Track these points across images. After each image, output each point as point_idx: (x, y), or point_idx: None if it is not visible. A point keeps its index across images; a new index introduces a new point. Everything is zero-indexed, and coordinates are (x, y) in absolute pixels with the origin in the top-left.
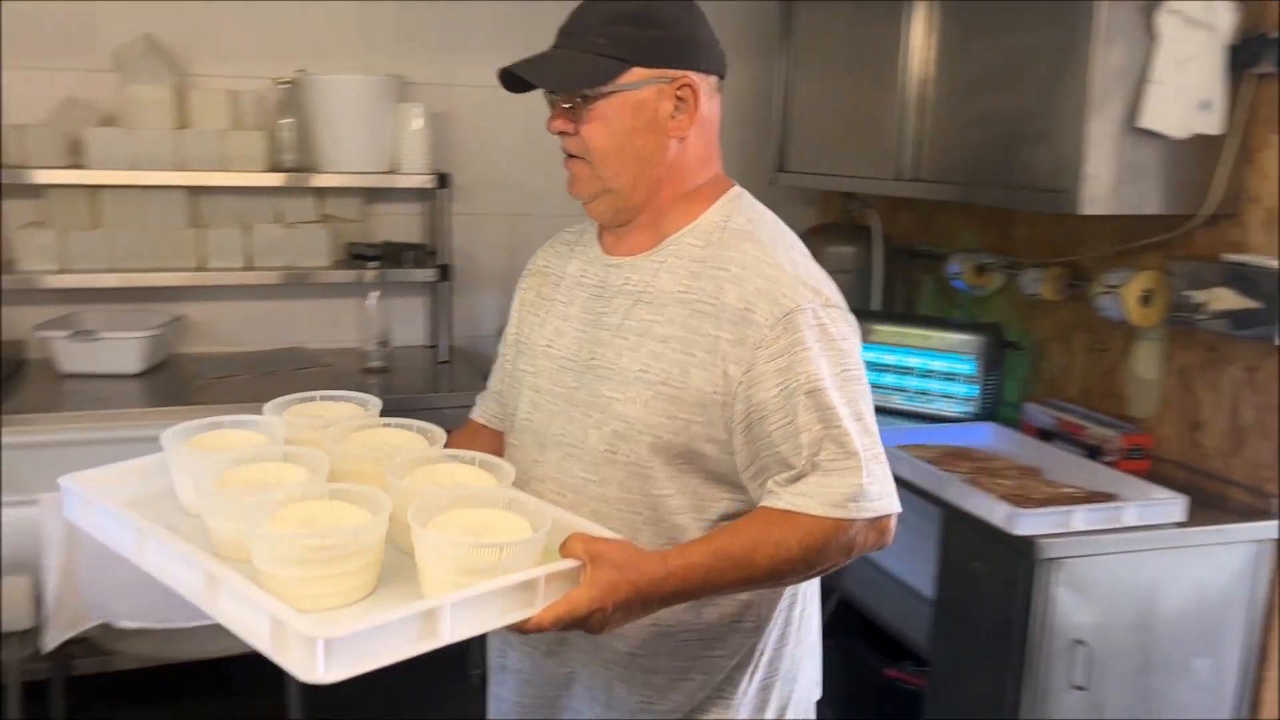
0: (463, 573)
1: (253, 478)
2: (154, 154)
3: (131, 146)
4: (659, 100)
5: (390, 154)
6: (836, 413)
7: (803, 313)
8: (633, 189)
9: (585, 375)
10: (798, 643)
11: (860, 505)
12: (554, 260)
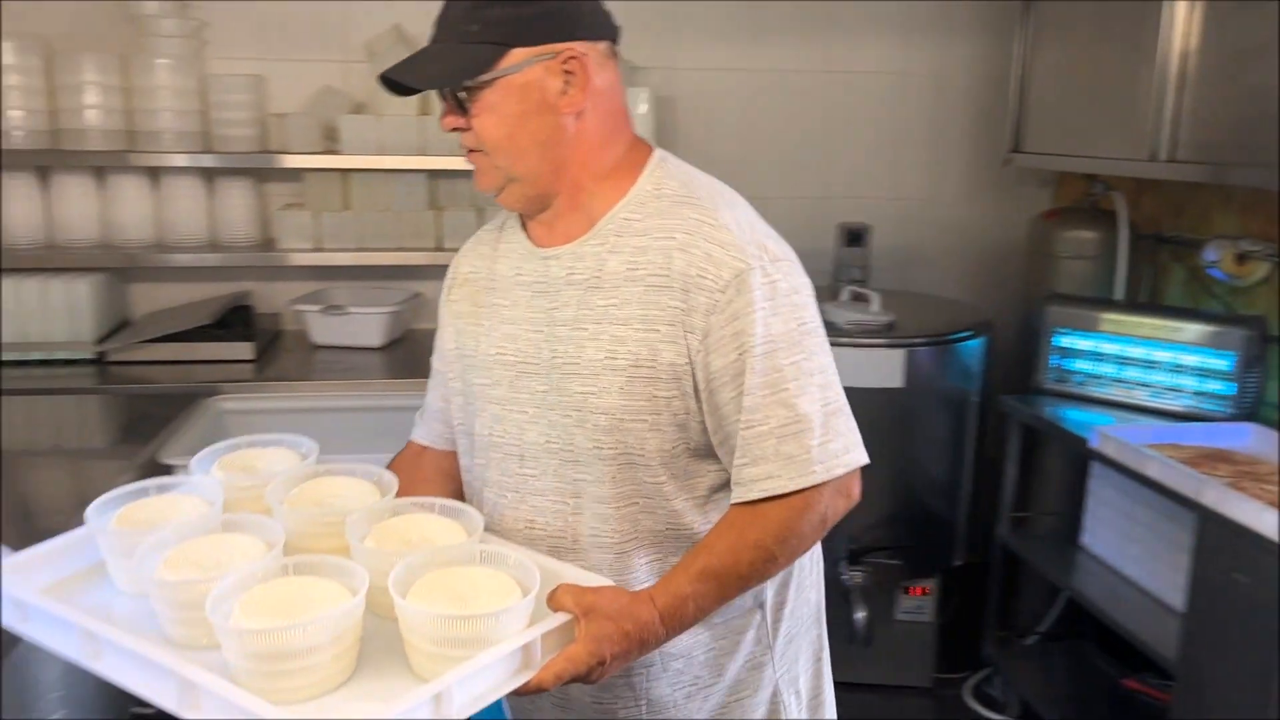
0: (453, 645)
1: (200, 558)
2: (399, 140)
3: (379, 132)
4: (546, 78)
5: None
6: (786, 374)
7: (752, 273)
8: (538, 174)
9: (552, 375)
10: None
11: (826, 466)
12: (479, 264)
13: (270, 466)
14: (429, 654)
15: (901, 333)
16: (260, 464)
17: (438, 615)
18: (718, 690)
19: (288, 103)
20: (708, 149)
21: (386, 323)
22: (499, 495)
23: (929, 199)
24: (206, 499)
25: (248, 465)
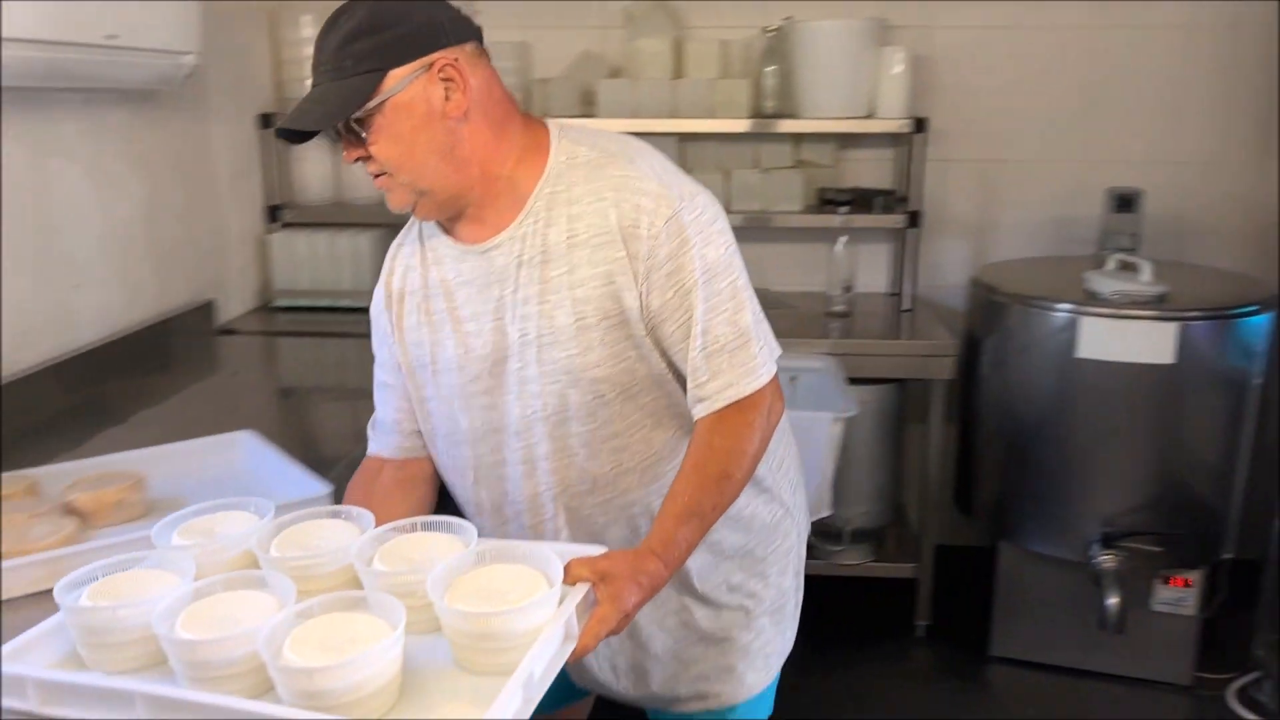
0: (493, 638)
1: (211, 616)
2: (653, 102)
3: (634, 96)
4: (427, 90)
5: (868, 99)
6: (724, 295)
7: (680, 214)
8: (443, 181)
9: (527, 351)
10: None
11: (768, 367)
12: (411, 275)
13: (227, 529)
14: (472, 649)
15: (1174, 305)
16: (218, 527)
17: (484, 614)
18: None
19: (551, 68)
20: (967, 111)
21: None
22: (511, 470)
23: (1211, 162)
24: (177, 571)
25: (206, 530)
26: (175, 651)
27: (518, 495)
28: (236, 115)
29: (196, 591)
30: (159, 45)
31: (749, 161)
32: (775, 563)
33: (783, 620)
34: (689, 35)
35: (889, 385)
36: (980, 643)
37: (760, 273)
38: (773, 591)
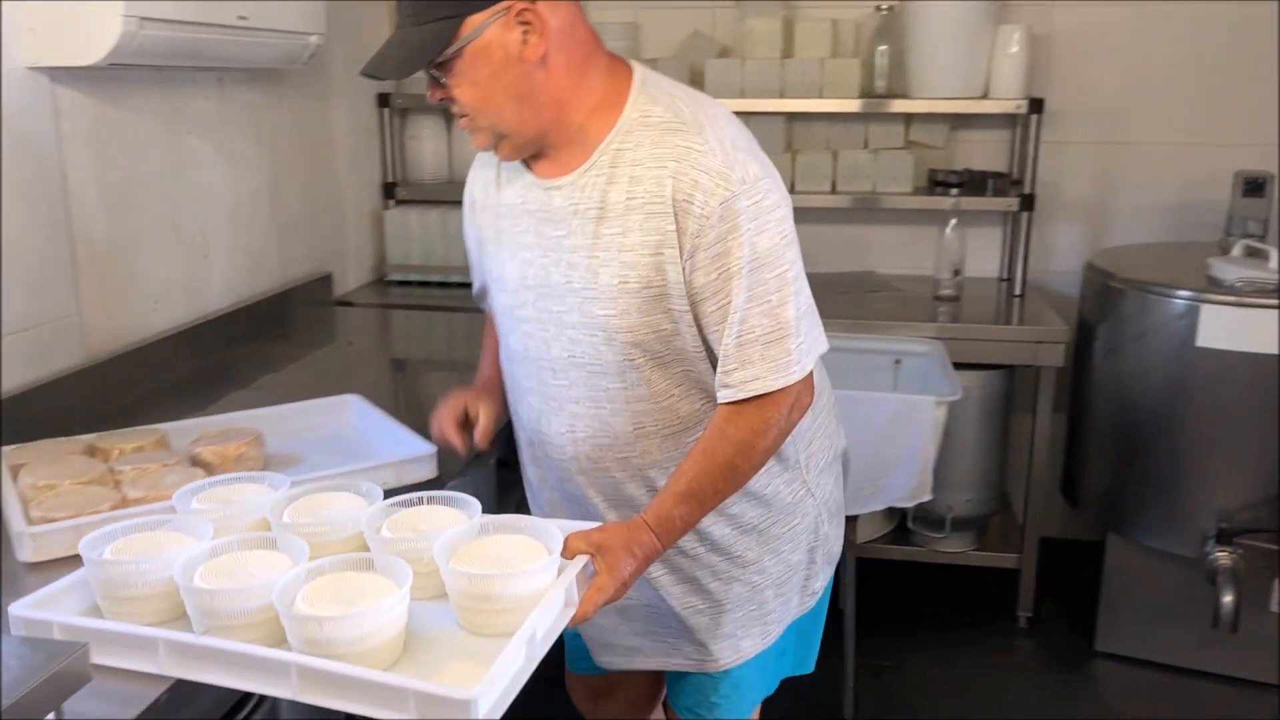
0: (493, 599)
1: (232, 568)
2: (761, 82)
3: (743, 76)
4: (504, 35)
5: (982, 79)
6: (770, 286)
7: (737, 199)
8: (521, 124)
9: (569, 299)
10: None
11: (802, 365)
12: (489, 190)
13: (244, 498)
14: (473, 610)
15: None
16: (235, 497)
17: (486, 575)
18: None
19: (660, 48)
20: (1086, 91)
21: None
22: (541, 403)
23: None
24: (195, 534)
25: (224, 499)
26: (193, 601)
27: (546, 430)
28: (356, 94)
29: (213, 550)
30: (286, 26)
31: (858, 142)
32: (790, 540)
33: (787, 592)
34: (800, 14)
35: (996, 371)
36: (1084, 637)
37: (866, 255)
38: (781, 566)
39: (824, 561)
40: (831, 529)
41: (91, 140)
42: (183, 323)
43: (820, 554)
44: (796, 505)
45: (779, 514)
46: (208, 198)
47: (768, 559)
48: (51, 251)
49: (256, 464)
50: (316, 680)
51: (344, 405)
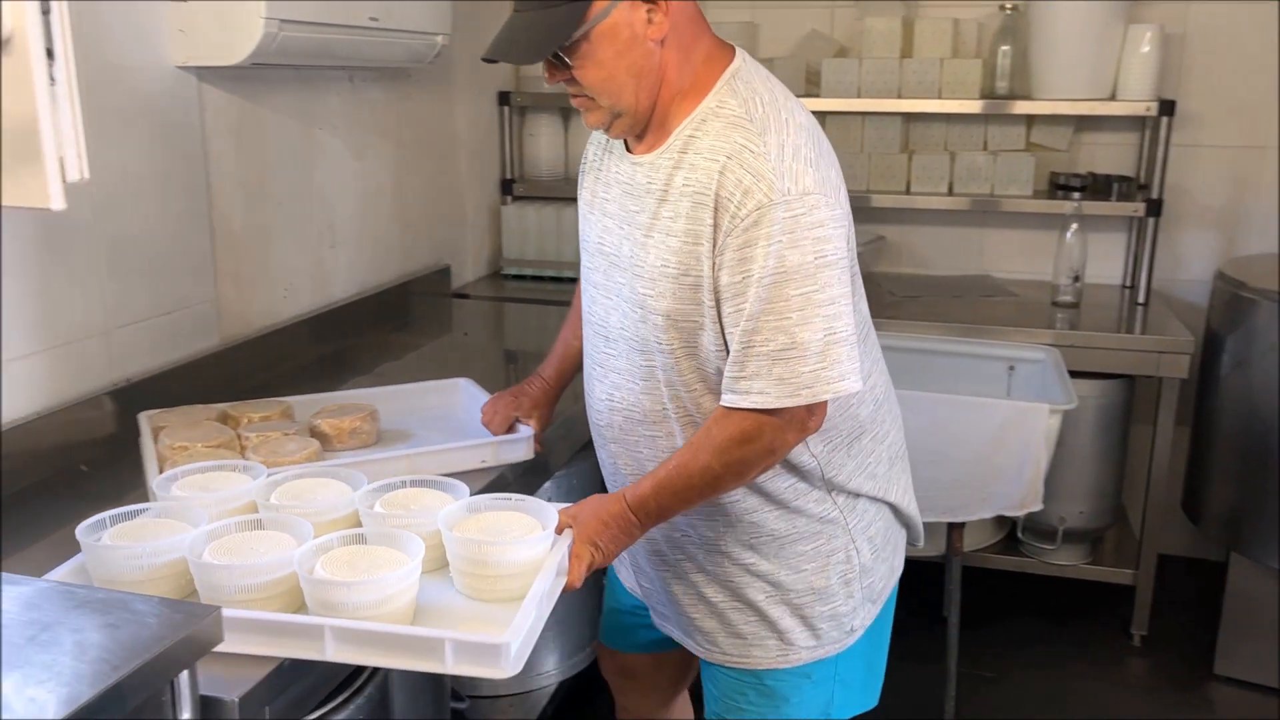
0: (491, 565)
1: (238, 546)
2: (878, 82)
3: (860, 75)
4: (630, 15)
5: (1110, 79)
6: (793, 304)
7: (775, 207)
8: (638, 103)
9: (627, 273)
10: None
11: (813, 392)
12: (599, 155)
13: (224, 485)
14: (472, 575)
15: None
16: (213, 484)
17: (485, 542)
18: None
19: (776, 47)
20: (1221, 93)
21: None
22: (591, 368)
23: None
24: (186, 519)
25: (201, 485)
26: (207, 576)
27: (592, 393)
28: (478, 92)
29: (211, 534)
30: (414, 27)
31: (977, 143)
32: (814, 560)
33: (812, 619)
34: (920, 14)
35: (1116, 381)
36: (1203, 659)
37: (982, 258)
38: (801, 585)
39: (864, 597)
40: (875, 564)
41: (232, 135)
42: (309, 310)
43: (859, 588)
44: (824, 526)
45: (802, 529)
46: (336, 191)
47: (784, 572)
48: (194, 240)
49: (369, 438)
50: (351, 639)
51: (455, 388)
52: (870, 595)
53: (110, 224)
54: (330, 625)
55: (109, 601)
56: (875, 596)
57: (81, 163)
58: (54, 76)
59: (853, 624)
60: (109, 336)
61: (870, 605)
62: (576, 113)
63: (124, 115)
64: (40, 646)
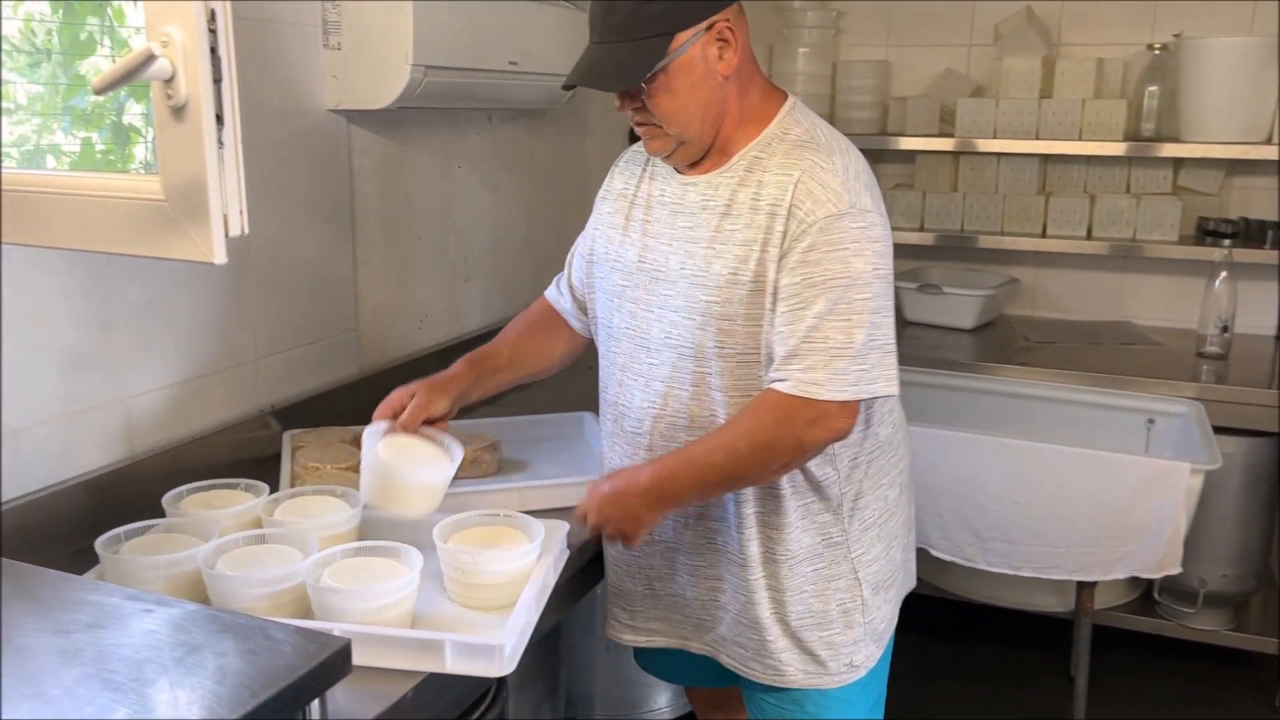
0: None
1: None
2: (1015, 123)
3: (996, 116)
4: (705, 51)
5: (1266, 121)
6: (854, 307)
7: (843, 217)
8: (702, 132)
9: (679, 284)
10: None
11: (856, 390)
12: (630, 182)
13: (228, 502)
14: (469, 585)
15: None
16: (216, 501)
17: (472, 550)
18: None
19: (910, 86)
20: None
21: (980, 305)
22: (631, 379)
23: None
24: (195, 533)
25: (206, 503)
26: (219, 586)
27: (629, 404)
28: (609, 130)
29: (219, 548)
30: (551, 69)
31: (1119, 186)
32: (814, 582)
33: (809, 644)
34: (1063, 53)
35: (1266, 439)
36: None
37: (1123, 304)
38: (800, 608)
39: (866, 633)
40: (876, 601)
41: (377, 173)
42: (443, 341)
43: (860, 620)
44: (827, 550)
45: (808, 548)
46: (471, 226)
47: (790, 597)
48: (340, 273)
49: (490, 468)
50: (357, 642)
51: (576, 421)
52: (874, 634)
53: (265, 258)
54: (339, 629)
55: (249, 627)
56: (879, 636)
57: (243, 219)
58: (222, 140)
59: (854, 658)
60: (258, 364)
61: (874, 645)
62: None
63: (280, 155)
64: (187, 669)
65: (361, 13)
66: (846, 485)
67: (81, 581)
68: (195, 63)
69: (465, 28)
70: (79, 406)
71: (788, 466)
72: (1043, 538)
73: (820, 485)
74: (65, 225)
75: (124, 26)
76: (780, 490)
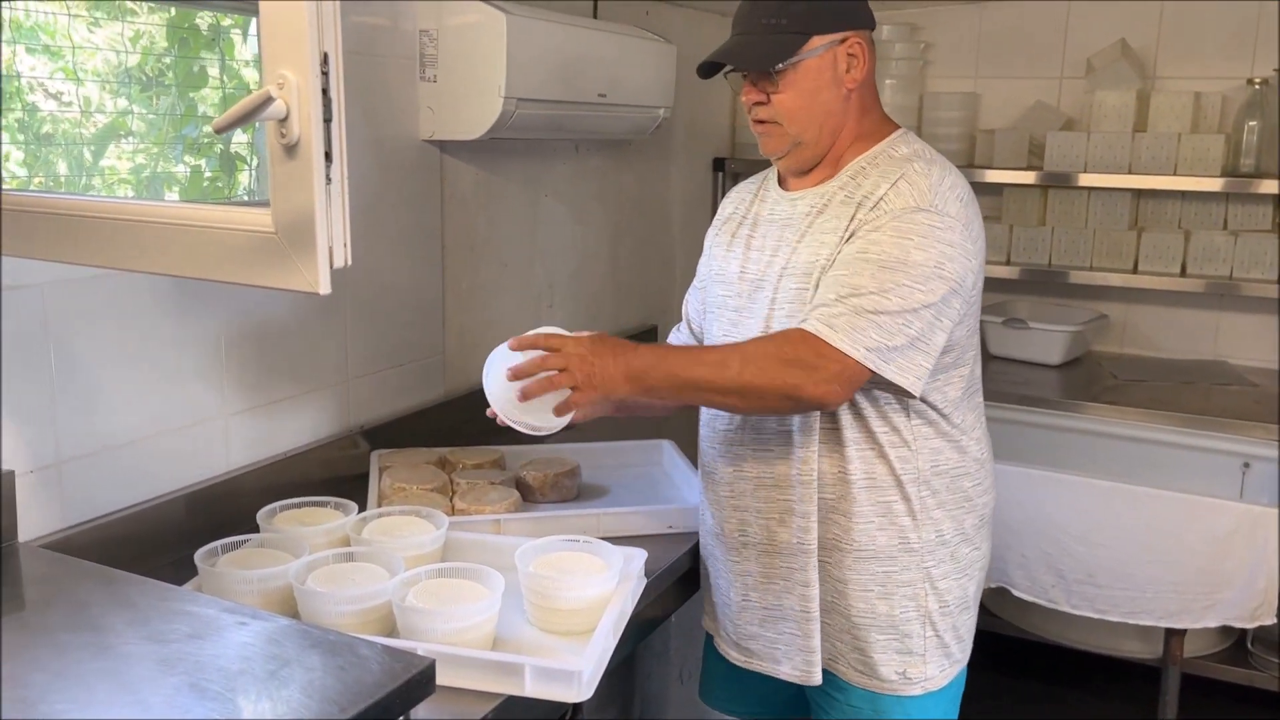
0: (556, 598)
1: (336, 576)
2: (1107, 157)
3: (1087, 149)
4: (836, 59)
5: None
6: (893, 279)
7: (919, 211)
8: (819, 138)
9: (771, 284)
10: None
11: (864, 352)
12: (740, 207)
13: (318, 519)
14: (546, 609)
15: None
16: (307, 518)
17: (551, 576)
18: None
19: (998, 119)
20: None
21: (1068, 341)
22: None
23: None
24: (287, 549)
25: (297, 519)
26: (312, 601)
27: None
28: (693, 159)
29: (310, 564)
30: (640, 101)
31: (1216, 222)
32: (882, 583)
33: (865, 646)
34: (1157, 86)
35: None
36: None
37: (1217, 343)
38: (862, 605)
39: (933, 646)
40: (944, 619)
41: (467, 201)
42: None
43: (923, 631)
44: (901, 554)
45: (881, 547)
46: (556, 253)
47: (850, 587)
48: (428, 298)
49: (570, 492)
50: (439, 663)
51: (655, 449)
52: (944, 649)
53: (360, 283)
54: (423, 648)
55: (338, 644)
56: (949, 654)
57: (346, 251)
58: (330, 177)
59: (909, 669)
60: (348, 385)
61: (943, 660)
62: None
63: (377, 184)
64: (279, 682)
65: (457, 46)
66: (924, 491)
67: (181, 592)
68: (308, 104)
69: (557, 60)
70: (181, 422)
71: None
72: (1130, 582)
73: (901, 482)
74: (179, 253)
75: (233, 60)
76: (852, 480)
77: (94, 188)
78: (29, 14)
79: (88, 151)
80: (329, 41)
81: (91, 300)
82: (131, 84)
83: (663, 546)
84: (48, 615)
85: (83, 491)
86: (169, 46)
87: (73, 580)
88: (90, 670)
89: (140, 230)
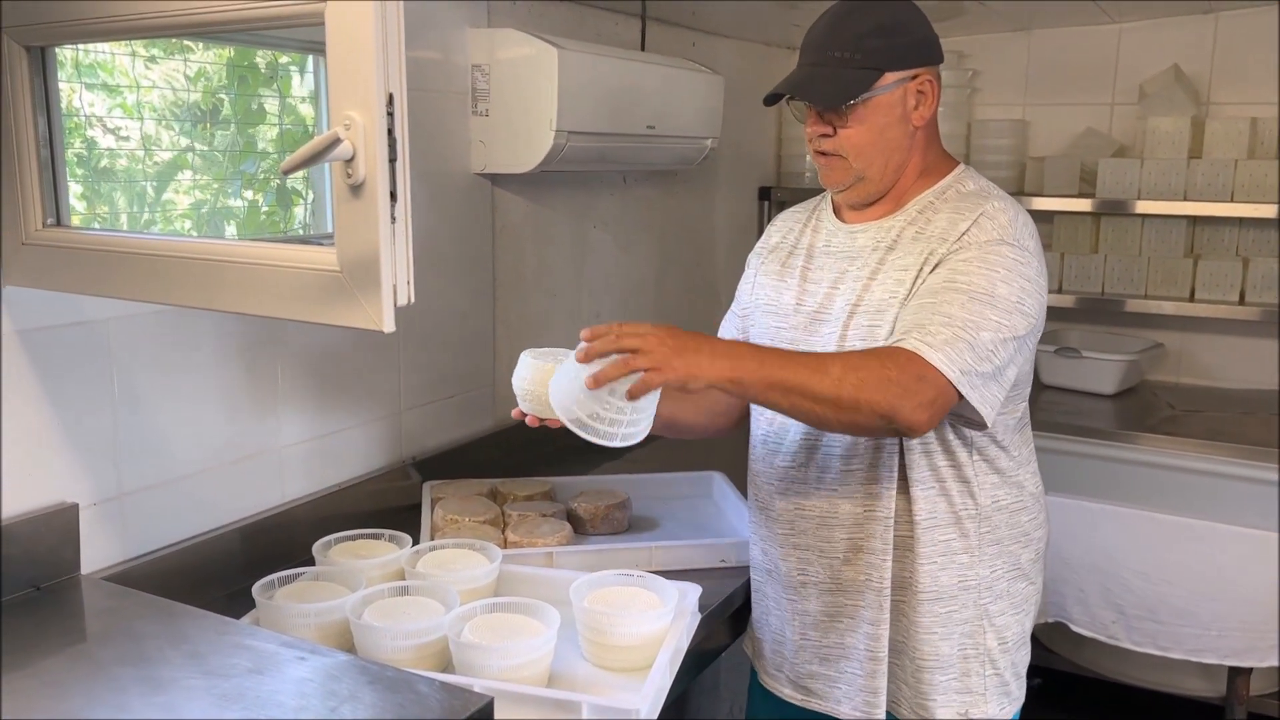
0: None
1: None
2: (1161, 184)
3: (1140, 176)
4: (905, 96)
5: None
6: (982, 312)
7: (1004, 244)
8: (883, 174)
9: (840, 318)
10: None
11: (961, 381)
12: (788, 236)
13: (374, 551)
14: (600, 645)
15: None
16: (362, 550)
17: (605, 612)
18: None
19: (1048, 146)
20: None
21: (1122, 371)
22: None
23: None
24: (344, 582)
25: (352, 551)
26: (365, 637)
27: (786, 438)
28: (738, 188)
29: (366, 598)
30: (687, 133)
31: (1274, 249)
32: (944, 624)
33: (922, 686)
34: (1212, 113)
35: None
36: None
37: (1271, 373)
38: (919, 643)
39: (993, 685)
40: (1003, 657)
41: (517, 232)
42: None
43: (982, 672)
44: (960, 593)
45: (944, 587)
46: (603, 282)
47: (912, 627)
48: (479, 329)
49: (620, 525)
50: (497, 699)
51: (706, 480)
52: (1004, 688)
53: (414, 316)
54: (479, 684)
55: (396, 681)
56: (1008, 692)
57: (410, 289)
58: (394, 216)
59: (971, 709)
60: (401, 417)
61: (1003, 699)
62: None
63: (431, 218)
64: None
65: (509, 80)
66: (984, 527)
67: (240, 626)
68: (374, 144)
69: (606, 93)
70: (238, 455)
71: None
72: (1193, 619)
73: (960, 519)
74: (245, 291)
75: (289, 96)
76: (917, 519)
77: (155, 222)
78: (87, 52)
79: (150, 187)
80: (394, 83)
81: (154, 335)
82: (191, 120)
83: (716, 580)
84: (106, 648)
85: (143, 524)
86: (228, 84)
87: (133, 613)
88: (149, 705)
89: (207, 269)
